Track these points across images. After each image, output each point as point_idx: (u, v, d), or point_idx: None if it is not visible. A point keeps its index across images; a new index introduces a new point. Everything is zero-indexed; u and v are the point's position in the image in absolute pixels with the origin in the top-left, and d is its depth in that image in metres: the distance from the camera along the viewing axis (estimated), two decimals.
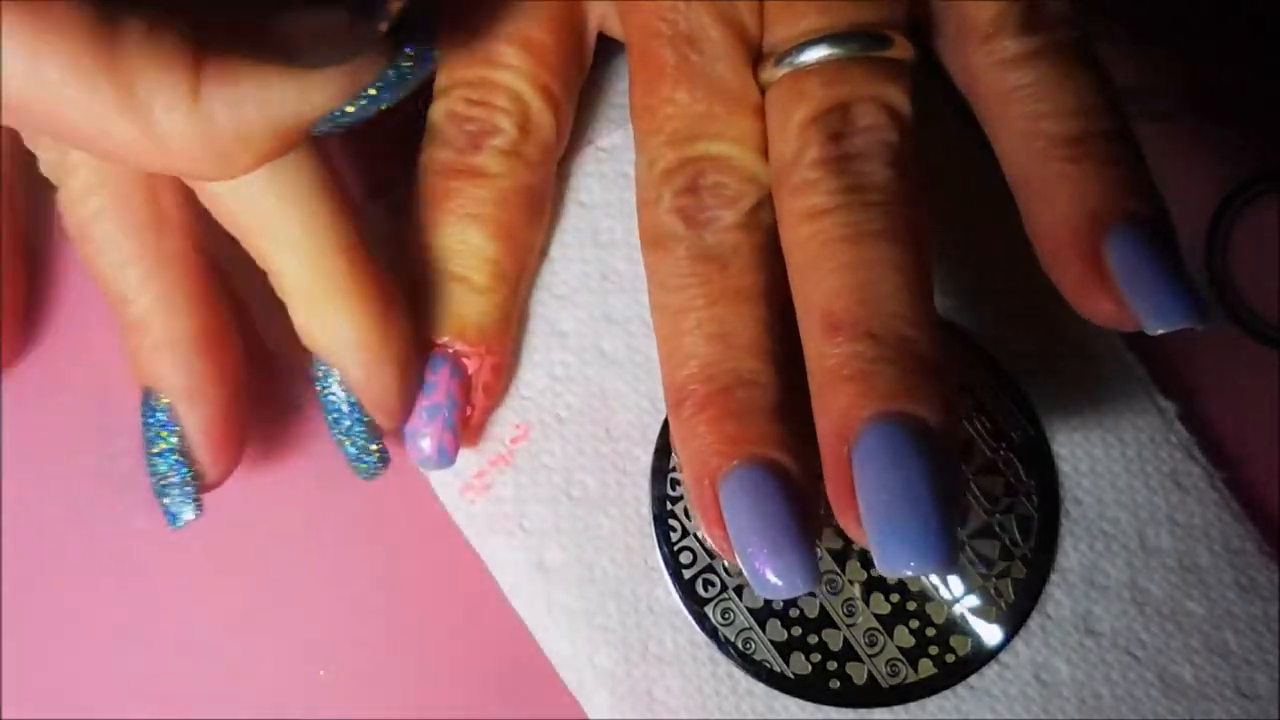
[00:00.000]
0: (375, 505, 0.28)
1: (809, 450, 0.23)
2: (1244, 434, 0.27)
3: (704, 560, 0.27)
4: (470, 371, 0.26)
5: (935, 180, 0.27)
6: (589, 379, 0.28)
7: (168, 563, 0.28)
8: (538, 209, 0.27)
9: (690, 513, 0.27)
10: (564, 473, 0.27)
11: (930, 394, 0.21)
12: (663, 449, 0.27)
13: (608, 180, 0.28)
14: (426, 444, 0.26)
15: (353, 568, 0.28)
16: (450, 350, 0.26)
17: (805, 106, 0.23)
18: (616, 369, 0.28)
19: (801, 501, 0.22)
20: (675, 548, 0.27)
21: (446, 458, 0.26)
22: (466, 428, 0.27)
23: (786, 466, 0.23)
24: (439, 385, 0.26)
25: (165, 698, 0.28)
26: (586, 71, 0.27)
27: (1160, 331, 0.21)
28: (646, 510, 0.27)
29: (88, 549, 0.28)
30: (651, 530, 0.27)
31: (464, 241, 0.26)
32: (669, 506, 0.27)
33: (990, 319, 0.27)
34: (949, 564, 0.20)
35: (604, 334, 0.28)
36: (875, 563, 0.20)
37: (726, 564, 0.26)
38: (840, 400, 0.21)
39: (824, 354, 0.22)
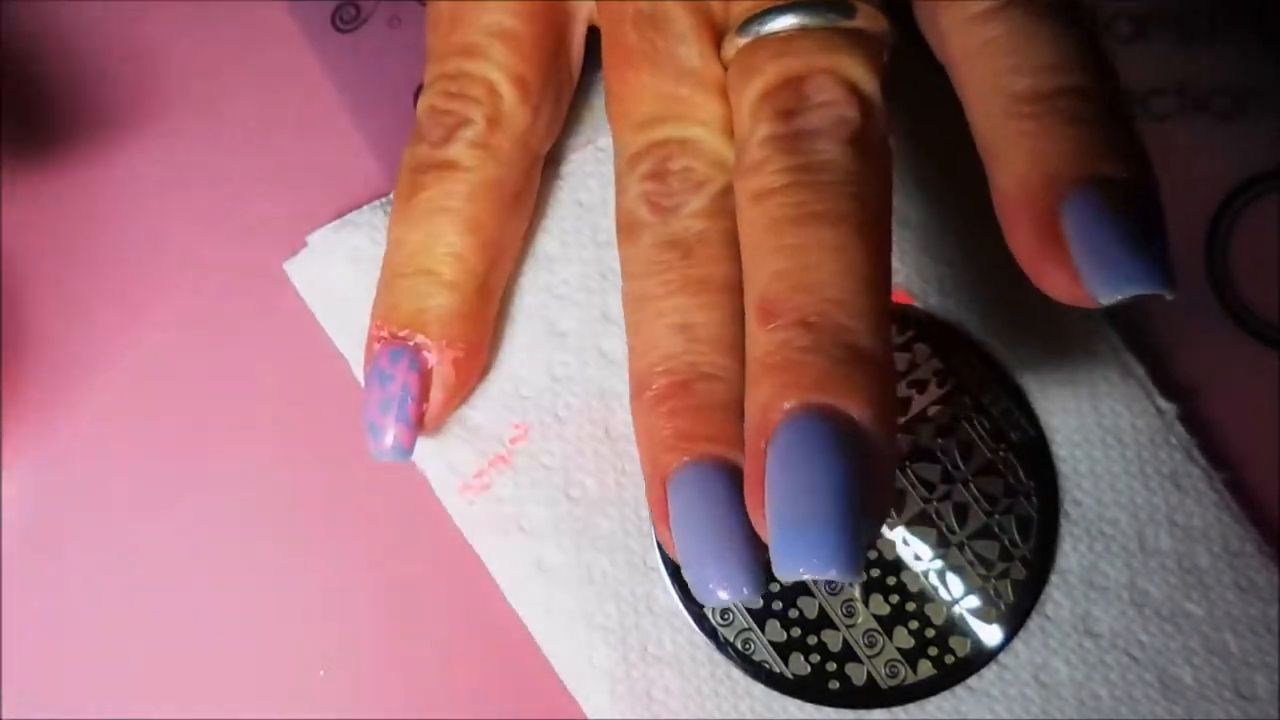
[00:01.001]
0: (374, 505, 0.28)
1: None
2: (1244, 435, 0.27)
3: None
4: (429, 366, 0.26)
5: (933, 172, 0.27)
6: (589, 379, 0.28)
7: (167, 563, 0.28)
8: (511, 203, 0.26)
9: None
10: (563, 473, 0.27)
11: (863, 389, 0.19)
12: None
13: (608, 180, 0.28)
14: (389, 438, 0.25)
15: (352, 567, 0.28)
16: (411, 343, 0.25)
17: (757, 81, 0.21)
18: (616, 369, 0.28)
19: None
20: None
21: (402, 451, 0.25)
22: (421, 422, 0.26)
23: (742, 466, 0.21)
24: (396, 377, 0.25)
25: (164, 698, 0.28)
26: (575, 66, 0.27)
27: (1115, 300, 0.19)
28: (645, 510, 0.27)
29: (87, 549, 0.28)
30: (650, 530, 0.27)
31: (432, 235, 0.25)
32: None
33: (989, 318, 0.27)
34: (849, 573, 0.18)
35: (604, 334, 0.28)
36: (771, 565, 0.19)
37: None
38: (764, 390, 0.20)
39: (757, 341, 0.20)
